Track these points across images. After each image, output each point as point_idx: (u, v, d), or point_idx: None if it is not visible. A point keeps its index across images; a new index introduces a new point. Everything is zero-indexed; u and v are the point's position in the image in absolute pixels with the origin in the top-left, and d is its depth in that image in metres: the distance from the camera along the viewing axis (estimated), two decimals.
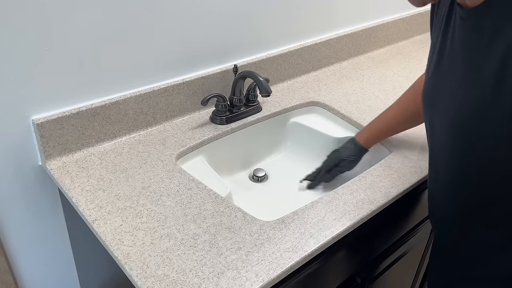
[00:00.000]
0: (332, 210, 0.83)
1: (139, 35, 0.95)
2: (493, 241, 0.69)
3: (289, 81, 1.31)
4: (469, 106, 0.61)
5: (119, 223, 0.79)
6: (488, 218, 0.67)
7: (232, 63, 1.15)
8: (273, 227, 0.79)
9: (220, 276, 0.69)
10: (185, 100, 1.09)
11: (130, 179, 0.89)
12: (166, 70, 1.04)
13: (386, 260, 1.06)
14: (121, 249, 0.73)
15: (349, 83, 1.32)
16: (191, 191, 0.87)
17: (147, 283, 0.68)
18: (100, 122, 0.96)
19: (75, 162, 0.93)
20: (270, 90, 0.99)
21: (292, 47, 1.28)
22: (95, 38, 0.89)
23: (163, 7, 0.96)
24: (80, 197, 0.84)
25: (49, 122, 0.89)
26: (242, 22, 1.13)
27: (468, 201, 0.69)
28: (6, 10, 0.77)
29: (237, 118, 1.11)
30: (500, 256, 0.68)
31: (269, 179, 1.14)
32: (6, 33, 0.78)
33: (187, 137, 1.04)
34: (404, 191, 0.90)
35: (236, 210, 0.82)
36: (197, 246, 0.74)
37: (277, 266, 0.71)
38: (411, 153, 1.00)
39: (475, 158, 0.64)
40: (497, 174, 0.62)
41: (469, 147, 0.64)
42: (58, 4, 0.82)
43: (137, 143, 1.00)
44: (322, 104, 1.22)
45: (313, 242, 0.76)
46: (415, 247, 1.16)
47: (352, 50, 1.47)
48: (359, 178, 0.92)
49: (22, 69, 0.83)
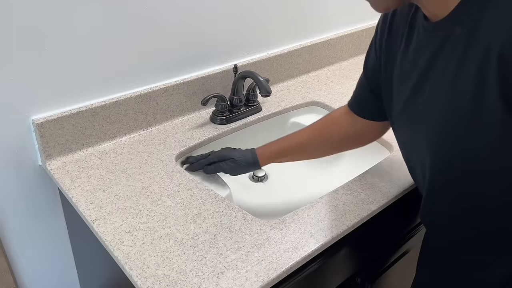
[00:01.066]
0: (332, 210, 0.83)
1: (139, 35, 0.95)
2: (486, 248, 0.68)
3: (289, 81, 1.31)
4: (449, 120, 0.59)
5: (119, 223, 0.79)
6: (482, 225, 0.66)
7: (232, 63, 1.15)
8: (273, 227, 0.79)
9: (220, 276, 0.69)
10: (185, 100, 1.09)
11: (130, 179, 0.89)
12: (166, 70, 1.04)
13: (386, 260, 1.06)
14: (121, 249, 0.73)
15: (349, 83, 1.32)
16: (191, 191, 0.87)
17: (147, 283, 0.68)
18: (100, 122, 0.96)
19: (75, 162, 0.93)
20: (270, 90, 0.99)
21: (292, 47, 1.28)
22: (95, 38, 0.89)
23: (163, 7, 0.96)
24: (80, 197, 0.84)
25: (49, 122, 0.89)
26: (242, 22, 1.13)
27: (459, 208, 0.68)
28: (6, 10, 0.77)
29: (237, 118, 1.11)
30: (496, 262, 0.68)
31: (269, 179, 1.14)
32: (6, 33, 0.78)
33: (187, 137, 1.04)
34: (404, 191, 0.90)
35: (236, 210, 0.82)
36: (197, 246, 0.74)
37: (277, 266, 0.71)
38: None
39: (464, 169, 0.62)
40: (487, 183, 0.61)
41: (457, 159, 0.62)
42: (58, 4, 0.82)
43: (137, 143, 1.00)
44: (322, 104, 1.22)
45: (313, 242, 0.76)
46: (415, 247, 1.16)
47: (352, 50, 1.47)
48: (359, 178, 0.92)
49: (22, 69, 0.83)
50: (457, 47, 0.56)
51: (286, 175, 1.14)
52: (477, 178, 0.61)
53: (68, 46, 0.86)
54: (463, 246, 0.71)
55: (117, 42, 0.93)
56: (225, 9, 1.07)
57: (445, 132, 0.61)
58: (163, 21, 0.97)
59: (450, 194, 0.66)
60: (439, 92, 0.60)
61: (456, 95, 0.57)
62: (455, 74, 0.56)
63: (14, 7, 0.77)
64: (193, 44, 1.06)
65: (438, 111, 0.61)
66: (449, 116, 0.59)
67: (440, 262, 0.80)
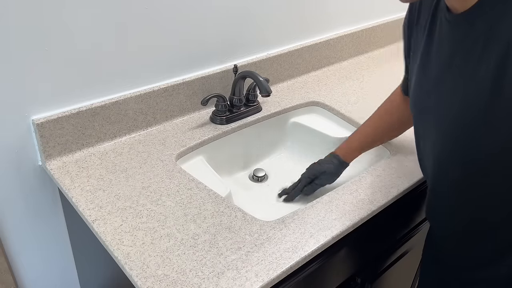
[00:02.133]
0: (332, 210, 0.83)
1: (139, 35, 0.95)
2: (490, 246, 0.68)
3: (289, 81, 1.31)
4: (467, 115, 0.60)
5: (119, 223, 0.79)
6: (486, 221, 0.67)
7: (232, 63, 1.15)
8: (273, 227, 0.79)
9: (220, 276, 0.69)
10: (185, 100, 1.09)
11: (130, 179, 0.89)
12: (166, 70, 1.04)
13: (386, 260, 1.06)
14: (121, 249, 0.73)
15: (349, 83, 1.32)
16: (191, 191, 0.87)
17: (147, 283, 0.68)
18: (100, 122, 0.96)
19: (75, 162, 0.93)
20: (270, 90, 0.99)
21: (292, 47, 1.28)
22: (95, 38, 0.89)
23: (163, 7, 0.96)
24: (80, 197, 0.84)
25: (49, 122, 0.89)
26: (242, 22, 1.13)
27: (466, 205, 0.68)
28: (6, 9, 0.77)
29: (237, 118, 1.11)
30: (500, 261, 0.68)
31: (269, 179, 1.14)
32: (6, 32, 0.78)
33: (187, 137, 1.04)
34: (404, 191, 0.90)
35: (236, 210, 0.82)
36: (197, 246, 0.74)
37: (277, 266, 0.71)
38: (411, 153, 1.00)
39: (473, 164, 0.63)
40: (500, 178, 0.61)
41: (469, 154, 0.62)
42: (58, 4, 0.82)
43: (137, 143, 1.00)
44: (322, 104, 1.22)
45: (313, 242, 0.76)
46: (415, 247, 1.16)
47: (352, 50, 1.47)
48: (359, 178, 0.92)
49: (22, 69, 0.83)
50: (477, 41, 0.56)
51: (286, 175, 1.14)
52: (484, 173, 0.62)
53: (68, 46, 0.86)
54: (466, 242, 0.71)
55: (117, 42, 0.93)
56: (225, 9, 1.07)
57: (458, 124, 0.62)
58: (163, 21, 0.97)
59: (455, 187, 0.67)
60: (457, 85, 0.61)
61: (473, 88, 0.58)
62: (474, 68, 0.57)
63: (13, 7, 0.77)
64: (193, 44, 1.06)
65: (454, 103, 0.62)
66: (465, 109, 0.60)
67: (443, 260, 0.80)
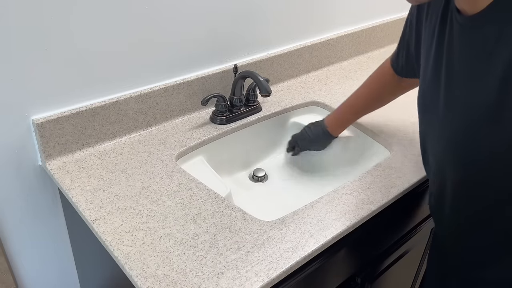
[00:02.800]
0: (332, 210, 0.83)
1: (139, 35, 0.95)
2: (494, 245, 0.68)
3: (289, 81, 1.31)
4: (474, 114, 0.60)
5: (119, 223, 0.79)
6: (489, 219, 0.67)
7: (232, 63, 1.15)
8: (273, 227, 0.79)
9: (220, 276, 0.69)
10: (185, 100, 1.09)
11: (130, 179, 0.89)
12: (166, 70, 1.04)
13: (386, 260, 1.06)
14: (121, 249, 0.73)
15: (349, 83, 1.32)
16: (191, 191, 0.87)
17: (147, 283, 0.68)
18: (100, 122, 0.96)
19: (75, 162, 0.93)
20: (270, 90, 0.99)
21: (292, 47, 1.28)
22: (95, 38, 0.89)
23: (163, 7, 0.96)
24: (80, 197, 0.84)
25: (49, 122, 0.89)
26: (242, 22, 1.13)
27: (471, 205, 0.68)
28: (6, 9, 0.77)
29: (237, 118, 1.11)
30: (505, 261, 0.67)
31: (269, 179, 1.14)
32: (6, 32, 0.78)
33: (187, 137, 1.04)
34: (404, 191, 0.90)
35: (236, 210, 0.82)
36: (197, 246, 0.74)
37: (277, 266, 0.71)
38: (411, 153, 1.00)
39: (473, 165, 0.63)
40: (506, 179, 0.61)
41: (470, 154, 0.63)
42: (58, 4, 0.82)
43: (137, 143, 1.00)
44: (322, 104, 1.22)
45: (313, 242, 0.76)
46: (415, 247, 1.16)
47: (352, 50, 1.47)
48: (359, 178, 0.92)
49: (22, 69, 0.83)
50: (486, 44, 0.57)
51: (286, 175, 1.14)
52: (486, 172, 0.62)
53: (68, 46, 0.86)
54: (471, 240, 0.71)
55: (117, 42, 0.93)
56: (225, 9, 1.07)
57: (464, 123, 0.62)
58: (163, 21, 0.97)
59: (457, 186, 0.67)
60: (465, 86, 0.62)
61: (481, 88, 0.58)
62: (482, 69, 0.58)
63: (13, 7, 0.77)
64: (193, 44, 1.06)
65: (461, 103, 0.63)
66: (470, 108, 0.61)
67: (445, 259, 0.80)
